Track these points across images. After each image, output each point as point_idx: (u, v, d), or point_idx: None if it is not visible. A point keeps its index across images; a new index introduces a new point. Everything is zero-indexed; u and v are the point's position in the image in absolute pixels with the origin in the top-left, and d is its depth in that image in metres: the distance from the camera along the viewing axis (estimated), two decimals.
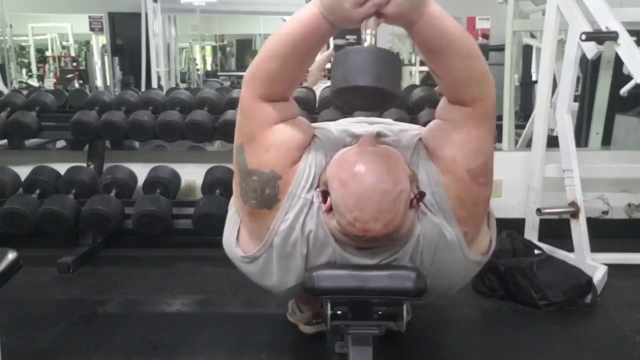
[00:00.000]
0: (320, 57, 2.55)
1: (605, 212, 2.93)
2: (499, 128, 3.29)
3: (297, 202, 1.24)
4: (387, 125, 1.44)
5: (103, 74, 6.89)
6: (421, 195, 1.19)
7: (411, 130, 1.39)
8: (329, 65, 5.46)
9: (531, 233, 2.56)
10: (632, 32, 2.23)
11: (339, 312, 1.28)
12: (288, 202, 1.24)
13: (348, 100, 1.18)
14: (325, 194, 1.20)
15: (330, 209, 1.19)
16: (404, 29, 1.17)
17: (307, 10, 1.16)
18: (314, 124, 1.45)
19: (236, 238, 1.39)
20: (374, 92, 1.10)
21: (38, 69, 7.87)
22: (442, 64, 1.19)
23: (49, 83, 7.39)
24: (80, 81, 7.09)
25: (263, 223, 1.27)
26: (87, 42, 7.44)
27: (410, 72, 7.87)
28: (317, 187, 1.24)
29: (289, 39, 1.20)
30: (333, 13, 1.11)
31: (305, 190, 1.24)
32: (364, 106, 1.26)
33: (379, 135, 1.33)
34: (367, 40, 1.11)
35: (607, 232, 2.70)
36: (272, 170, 1.24)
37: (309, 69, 3.45)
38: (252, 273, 1.37)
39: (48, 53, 7.99)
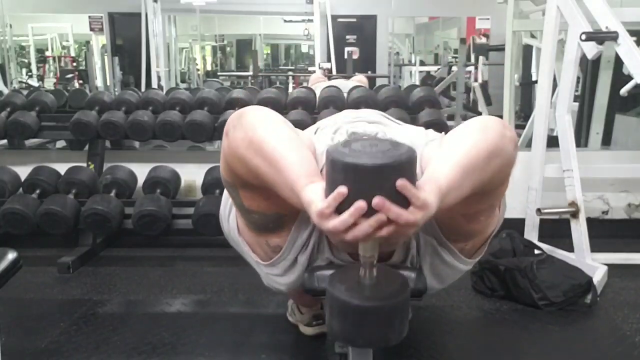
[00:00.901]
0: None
1: (605, 212, 2.93)
2: None
3: (307, 226, 1.22)
4: (383, 126, 1.42)
5: (103, 74, 6.90)
6: None
7: (410, 137, 1.37)
8: (327, 65, 5.47)
9: (531, 233, 2.56)
10: (632, 32, 2.23)
11: None
12: (297, 230, 1.22)
13: None
14: None
15: None
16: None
17: (295, 184, 0.96)
18: (312, 126, 1.45)
19: (236, 225, 1.37)
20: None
21: (38, 69, 7.88)
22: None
23: (49, 83, 7.41)
24: (80, 81, 7.10)
25: (272, 240, 1.26)
26: (87, 42, 7.45)
27: (410, 72, 7.88)
28: None
29: (272, 177, 1.02)
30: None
31: None
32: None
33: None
34: (367, 277, 0.91)
35: (607, 232, 2.71)
36: (277, 213, 1.17)
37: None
38: (262, 273, 1.37)
39: (48, 53, 8.00)
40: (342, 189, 0.84)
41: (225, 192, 1.36)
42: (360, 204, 0.83)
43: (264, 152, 1.01)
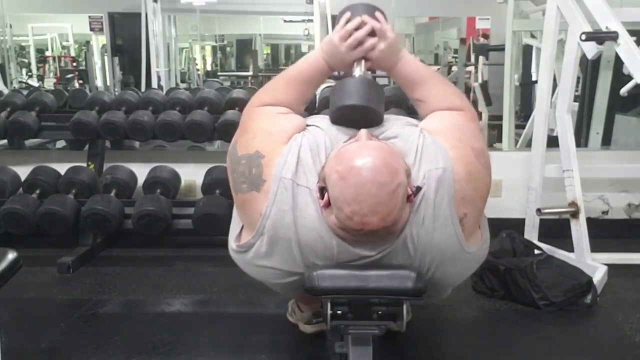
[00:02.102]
0: None
1: (605, 212, 2.93)
2: (499, 128, 3.30)
3: (285, 186, 1.25)
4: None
5: (103, 74, 6.89)
6: (417, 189, 1.20)
7: (403, 120, 1.45)
8: None
9: (531, 233, 2.56)
10: (632, 32, 2.23)
11: (339, 312, 1.28)
12: (275, 184, 1.26)
13: (344, 118, 1.39)
14: (322, 190, 1.21)
15: (328, 204, 1.20)
16: (386, 72, 1.48)
17: (312, 55, 1.47)
18: (311, 117, 1.49)
19: (238, 234, 1.40)
20: (364, 110, 1.37)
21: (38, 69, 7.87)
22: (424, 90, 1.45)
23: (49, 83, 7.39)
24: (80, 81, 7.08)
25: (255, 209, 1.29)
26: (87, 42, 7.44)
27: None
28: (317, 181, 1.24)
29: (297, 70, 1.47)
30: (331, 56, 1.41)
31: (291, 172, 1.25)
32: (357, 123, 1.37)
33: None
34: (358, 73, 1.41)
35: (607, 232, 2.71)
36: (257, 151, 1.31)
37: None
38: (248, 264, 1.37)
39: (48, 53, 7.99)
40: (347, 14, 1.39)
41: (232, 221, 1.49)
42: (358, 18, 1.38)
43: (284, 71, 1.50)
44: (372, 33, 1.38)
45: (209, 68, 8.54)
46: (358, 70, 1.40)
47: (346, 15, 1.39)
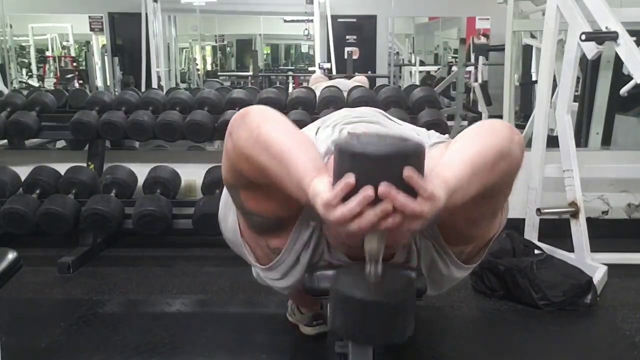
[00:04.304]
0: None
1: (605, 212, 2.93)
2: None
3: (307, 228, 1.22)
4: (384, 127, 1.41)
5: (103, 74, 6.89)
6: None
7: (410, 130, 1.39)
8: (327, 65, 5.47)
9: (531, 233, 2.56)
10: (632, 32, 2.23)
11: None
12: (297, 231, 1.23)
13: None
14: None
15: None
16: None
17: (302, 179, 0.93)
18: (312, 125, 1.45)
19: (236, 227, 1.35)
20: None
21: (38, 69, 7.87)
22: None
23: (49, 83, 7.39)
24: (80, 81, 7.09)
25: (267, 242, 1.27)
26: (87, 42, 7.45)
27: (410, 72, 7.88)
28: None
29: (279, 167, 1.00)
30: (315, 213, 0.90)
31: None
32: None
33: None
34: (372, 273, 0.89)
35: (607, 232, 2.70)
36: (277, 217, 1.19)
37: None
38: (268, 280, 1.37)
39: (48, 53, 7.99)
40: (350, 178, 0.83)
41: (224, 192, 1.36)
42: (367, 191, 0.82)
43: (270, 149, 1.00)
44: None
45: (209, 68, 8.54)
46: (371, 268, 0.89)
47: (348, 179, 0.84)
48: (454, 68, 6.12)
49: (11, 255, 1.19)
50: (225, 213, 1.38)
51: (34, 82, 7.42)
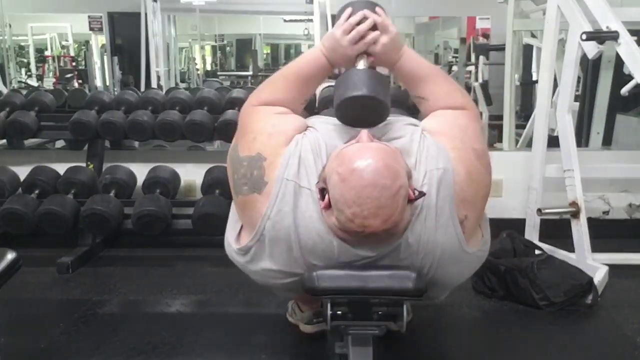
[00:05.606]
0: None
1: (606, 212, 2.93)
2: (499, 128, 3.30)
3: (287, 187, 1.25)
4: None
5: (102, 73, 6.89)
6: (420, 194, 1.19)
7: (404, 120, 1.43)
8: None
9: (532, 233, 2.55)
10: (632, 32, 2.23)
11: (339, 312, 1.27)
12: (277, 185, 1.26)
13: (349, 112, 1.36)
14: (323, 191, 1.20)
15: (328, 206, 1.19)
16: (388, 69, 1.45)
17: (312, 51, 1.45)
18: (311, 117, 1.48)
19: (237, 234, 1.40)
20: (370, 102, 1.32)
21: (37, 68, 7.86)
22: (427, 87, 1.43)
23: (48, 83, 7.38)
24: (80, 81, 7.08)
25: (256, 210, 1.28)
26: (87, 42, 7.45)
27: None
28: (317, 182, 1.24)
29: (297, 67, 1.44)
30: (333, 51, 1.38)
31: (293, 173, 1.25)
32: (363, 119, 1.36)
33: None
34: (361, 65, 1.38)
35: (607, 232, 2.69)
36: (258, 153, 1.31)
37: None
38: (248, 265, 1.37)
39: (47, 53, 7.99)
40: (348, 9, 1.37)
41: (230, 219, 1.47)
42: (362, 12, 1.36)
43: (283, 69, 1.49)
44: (374, 27, 1.36)
45: (208, 68, 8.54)
46: (361, 64, 1.37)
47: (347, 10, 1.39)
48: (455, 68, 6.12)
49: (10, 256, 1.19)
50: (232, 229, 1.45)
51: (33, 82, 7.41)
